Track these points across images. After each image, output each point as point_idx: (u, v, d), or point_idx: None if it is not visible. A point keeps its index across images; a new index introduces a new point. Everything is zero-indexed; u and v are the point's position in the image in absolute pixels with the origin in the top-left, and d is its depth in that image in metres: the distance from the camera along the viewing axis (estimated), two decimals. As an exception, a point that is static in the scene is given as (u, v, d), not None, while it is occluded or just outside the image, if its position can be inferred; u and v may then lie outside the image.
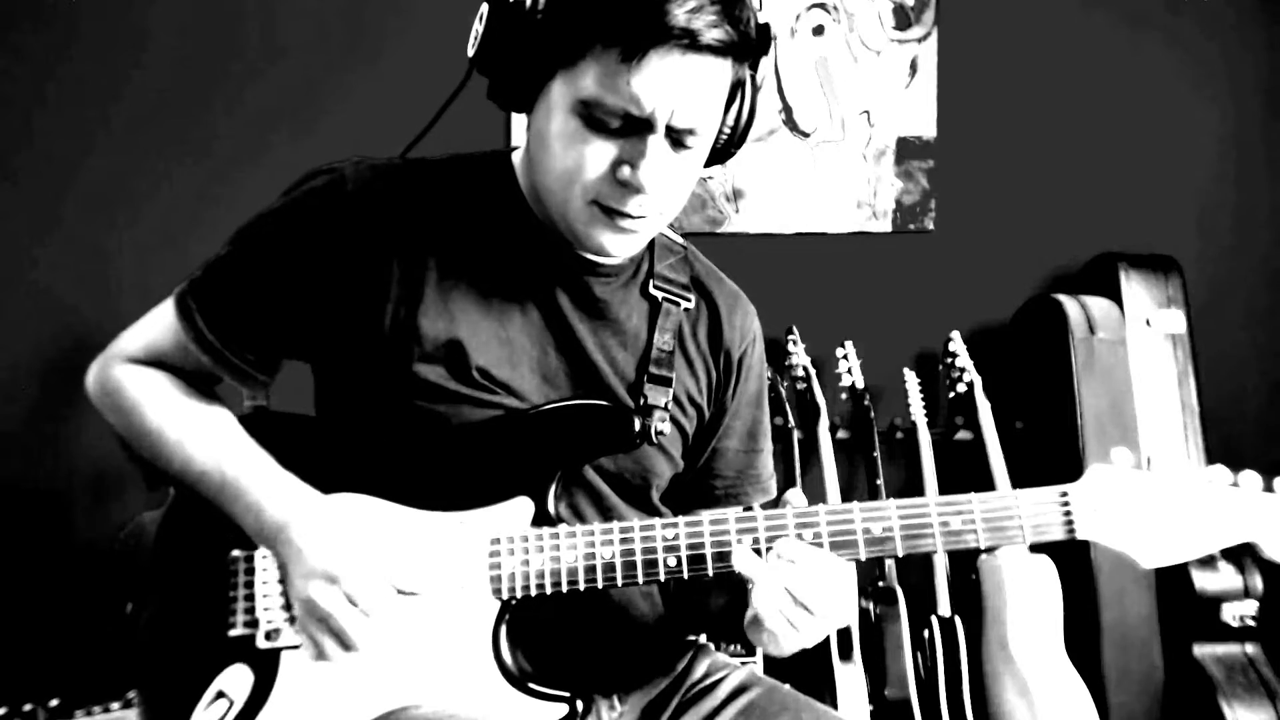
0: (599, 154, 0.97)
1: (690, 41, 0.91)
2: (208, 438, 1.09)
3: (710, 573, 1.02)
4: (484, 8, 1.01)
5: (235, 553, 1.08)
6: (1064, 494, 1.02)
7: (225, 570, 1.08)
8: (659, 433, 1.09)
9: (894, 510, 1.02)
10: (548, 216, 1.07)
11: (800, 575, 0.97)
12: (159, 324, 1.12)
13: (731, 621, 1.09)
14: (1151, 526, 1.01)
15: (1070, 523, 1.01)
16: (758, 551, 1.01)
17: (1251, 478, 1.01)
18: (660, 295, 1.15)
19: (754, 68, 1.05)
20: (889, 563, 2.28)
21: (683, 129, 0.96)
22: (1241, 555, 2.20)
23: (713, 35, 0.92)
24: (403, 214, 1.07)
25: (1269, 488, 1.01)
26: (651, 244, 1.16)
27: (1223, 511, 1.00)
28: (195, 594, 1.09)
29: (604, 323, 1.12)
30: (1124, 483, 1.02)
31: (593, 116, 0.95)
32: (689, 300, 1.17)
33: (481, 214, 1.09)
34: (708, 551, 1.01)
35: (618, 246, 1.03)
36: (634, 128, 0.95)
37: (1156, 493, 1.01)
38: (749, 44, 0.98)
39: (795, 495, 1.05)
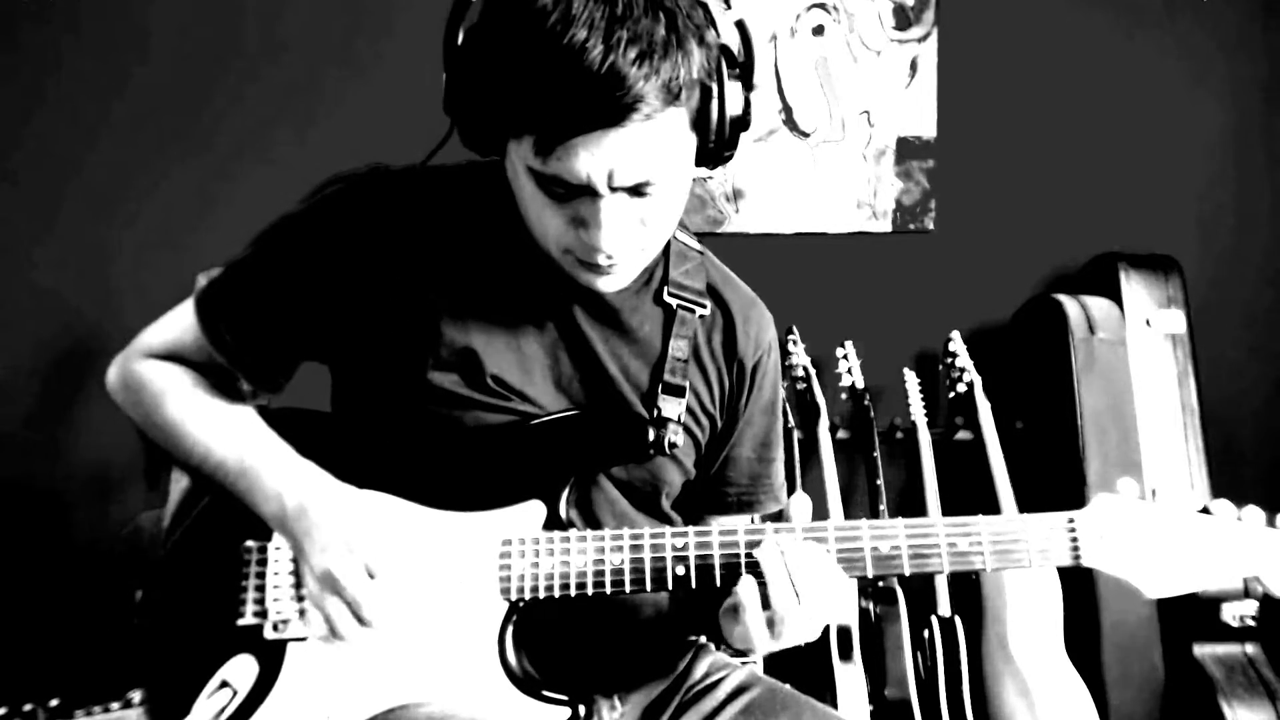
0: (557, 217, 0.96)
1: (611, 122, 0.86)
2: (227, 428, 1.10)
3: (718, 583, 1.02)
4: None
5: (249, 543, 1.09)
6: (1071, 520, 1.03)
7: (237, 560, 1.09)
8: (673, 445, 1.09)
9: (902, 530, 1.02)
10: None
11: (795, 557, 0.98)
12: (180, 323, 1.14)
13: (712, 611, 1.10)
14: (1156, 557, 1.02)
15: (1077, 550, 1.02)
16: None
17: (1254, 513, 1.02)
18: (675, 303, 1.14)
19: (732, 67, 0.96)
20: (889, 563, 2.28)
21: (632, 185, 0.92)
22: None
23: (636, 114, 0.86)
24: (419, 223, 1.07)
25: (1271, 523, 1.02)
26: (667, 250, 1.15)
27: (1226, 546, 1.01)
28: (205, 583, 1.09)
29: (616, 331, 1.12)
30: (1130, 513, 1.03)
31: (542, 185, 0.94)
32: (704, 307, 1.15)
33: (495, 224, 1.09)
34: (716, 562, 1.01)
35: (606, 285, 1.02)
36: (579, 193, 0.93)
37: (1161, 525, 1.02)
38: (690, 84, 0.90)
39: (798, 501, 1.05)
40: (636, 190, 0.93)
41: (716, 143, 0.97)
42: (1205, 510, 1.03)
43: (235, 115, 2.41)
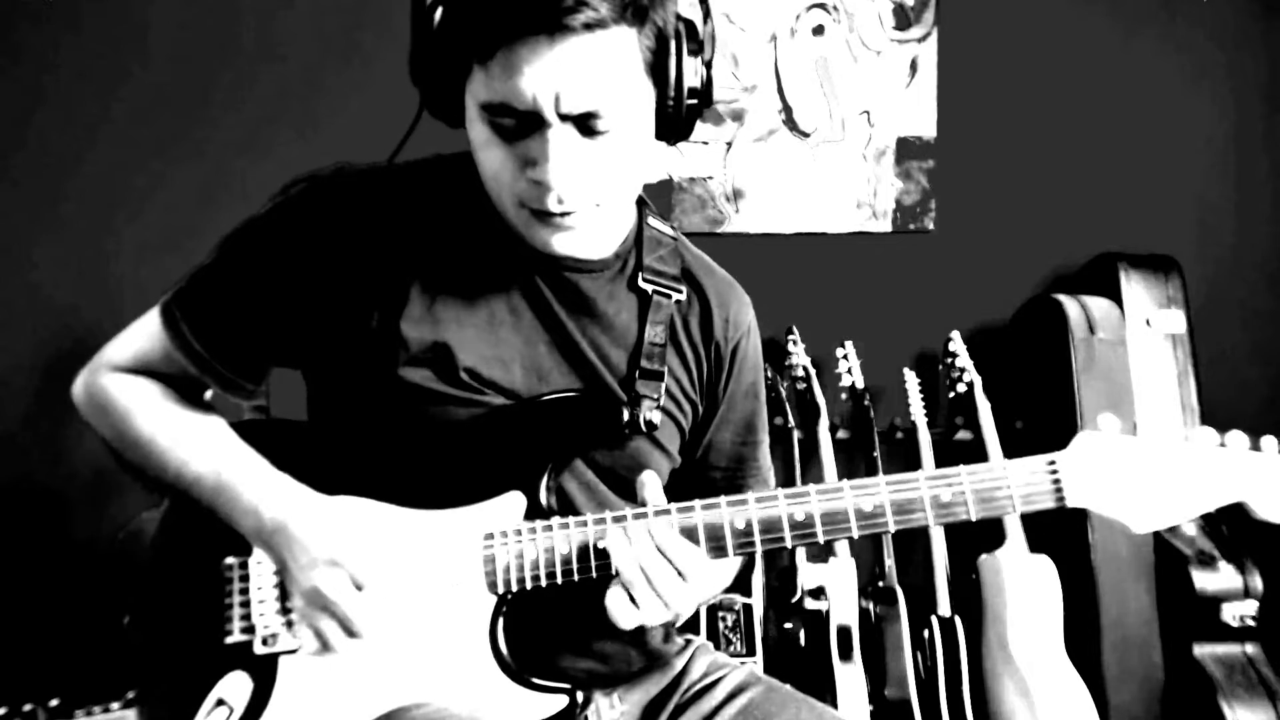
0: (508, 157, 0.96)
1: (553, 27, 0.87)
2: (201, 443, 1.09)
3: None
4: None
5: (229, 559, 1.08)
6: (1052, 462, 1.01)
7: (220, 578, 1.08)
8: (650, 424, 1.08)
9: (884, 486, 1.01)
10: None
11: (655, 555, 0.98)
12: (144, 333, 1.12)
13: None
14: (1141, 491, 1.00)
15: (1059, 491, 1.00)
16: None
17: (1238, 438, 1.00)
18: (650, 288, 1.13)
19: (692, 40, 0.98)
20: (889, 563, 2.28)
21: (581, 114, 0.92)
22: (1242, 555, 2.20)
23: (579, 19, 0.87)
24: (384, 219, 1.06)
25: (1256, 447, 1.01)
26: (640, 236, 1.15)
27: (1211, 473, 1.00)
28: (191, 602, 1.09)
29: (592, 319, 1.11)
30: (1112, 449, 1.01)
31: (494, 121, 0.94)
32: (680, 292, 1.15)
33: (463, 215, 1.08)
34: (701, 536, 1.01)
35: (563, 245, 1.01)
36: (529, 125, 0.93)
37: (1145, 457, 1.01)
38: (639, 9, 0.92)
39: (649, 479, 1.04)
40: (586, 126, 0.93)
41: (675, 105, 0.98)
42: (1188, 439, 1.01)
43: (235, 114, 2.41)
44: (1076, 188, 2.64)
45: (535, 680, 1.04)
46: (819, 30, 2.57)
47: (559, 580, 1.02)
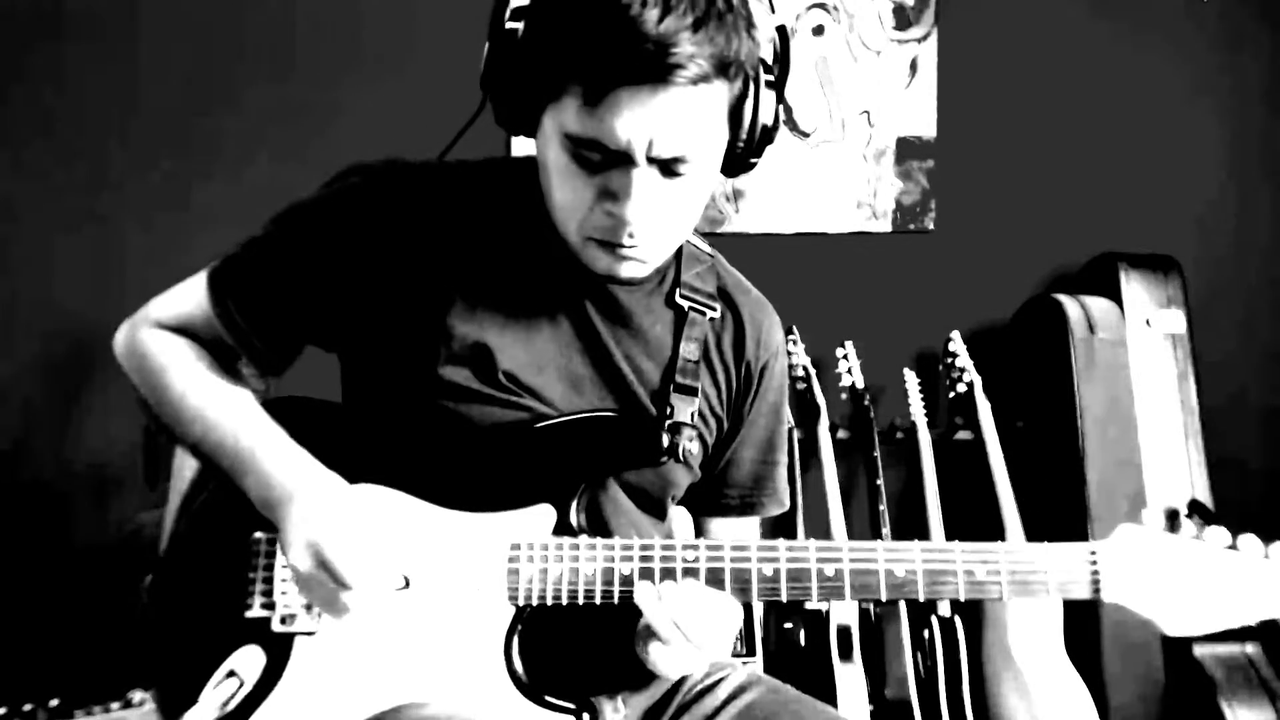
0: (586, 189, 0.96)
1: (659, 79, 0.88)
2: (227, 408, 1.09)
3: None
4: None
5: (258, 535, 1.09)
6: (1093, 553, 0.99)
7: (246, 551, 1.09)
8: (687, 452, 1.08)
9: (918, 554, 0.99)
10: None
11: (687, 610, 0.98)
12: (191, 296, 1.13)
13: None
14: (1180, 595, 0.98)
15: (1097, 583, 0.99)
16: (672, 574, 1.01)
17: None
18: (686, 305, 1.14)
19: (771, 77, 1.01)
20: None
21: (668, 158, 0.93)
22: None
23: (686, 74, 0.88)
24: (435, 218, 1.07)
25: None
26: (679, 252, 1.15)
27: (1254, 585, 0.97)
28: (215, 572, 1.10)
29: (628, 331, 1.12)
30: (1153, 546, 0.99)
31: (577, 151, 0.94)
32: (715, 310, 1.16)
33: (511, 221, 1.09)
34: (727, 576, 1.00)
35: (625, 271, 1.02)
36: (615, 161, 0.93)
37: (1185, 560, 0.98)
38: (737, 64, 0.94)
39: (679, 515, 1.04)
40: (669, 168, 0.95)
41: (745, 145, 1.00)
42: (1232, 546, 0.98)
43: (237, 115, 2.41)
44: (1076, 188, 2.64)
45: (545, 698, 1.04)
46: (819, 30, 2.57)
47: (580, 600, 1.02)
